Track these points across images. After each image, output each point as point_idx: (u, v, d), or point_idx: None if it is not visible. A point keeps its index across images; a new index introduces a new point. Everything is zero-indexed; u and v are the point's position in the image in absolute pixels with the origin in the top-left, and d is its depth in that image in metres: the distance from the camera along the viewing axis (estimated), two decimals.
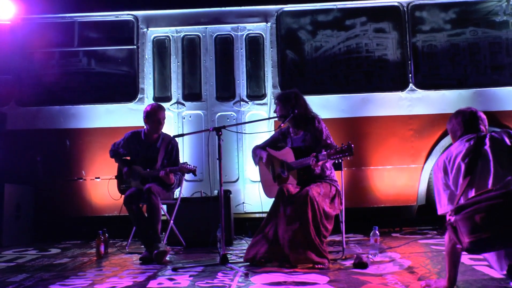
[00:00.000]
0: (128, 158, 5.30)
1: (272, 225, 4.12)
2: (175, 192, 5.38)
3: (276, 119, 4.63)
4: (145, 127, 5.22)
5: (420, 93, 6.32)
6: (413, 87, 6.33)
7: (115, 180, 5.33)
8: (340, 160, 3.97)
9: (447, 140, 6.14)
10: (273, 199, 4.32)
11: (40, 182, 6.48)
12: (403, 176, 6.24)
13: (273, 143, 4.64)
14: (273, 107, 6.26)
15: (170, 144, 5.21)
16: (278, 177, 4.40)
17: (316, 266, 3.89)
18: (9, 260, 4.93)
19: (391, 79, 6.49)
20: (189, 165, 4.92)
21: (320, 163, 4.07)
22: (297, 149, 4.34)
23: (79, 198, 6.46)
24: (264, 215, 6.09)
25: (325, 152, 4.03)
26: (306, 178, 4.24)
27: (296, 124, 4.45)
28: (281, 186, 4.21)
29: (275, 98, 4.58)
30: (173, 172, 4.92)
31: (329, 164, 4.30)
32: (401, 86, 6.39)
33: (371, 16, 6.52)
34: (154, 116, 5.12)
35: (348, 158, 3.92)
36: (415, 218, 6.47)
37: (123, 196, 4.94)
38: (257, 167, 4.70)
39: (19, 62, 6.71)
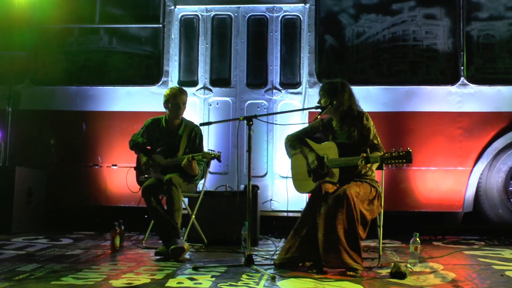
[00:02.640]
0: (149, 147, 5.33)
1: (307, 224, 4.10)
2: (198, 185, 5.39)
3: (312, 110, 4.58)
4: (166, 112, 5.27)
5: (473, 88, 6.20)
6: (465, 81, 6.22)
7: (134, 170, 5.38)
8: (394, 166, 3.91)
9: (501, 141, 6.03)
10: (303, 194, 4.30)
11: (53, 167, 6.60)
12: (448, 179, 6.14)
13: (310, 133, 4.58)
14: (308, 96, 6.29)
15: (193, 131, 5.23)
16: (315, 172, 4.35)
17: (348, 272, 3.87)
18: (19, 248, 5.03)
19: (440, 72, 6.39)
20: (213, 150, 4.93)
21: (369, 165, 4.04)
22: (341, 145, 4.29)
23: (94, 186, 6.54)
24: (291, 214, 6.14)
25: (378, 154, 4.00)
26: (347, 177, 4.20)
27: (342, 118, 4.39)
28: (319, 183, 4.16)
29: (320, 89, 4.50)
30: (196, 159, 4.94)
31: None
32: (451, 79, 6.28)
33: (421, 1, 6.42)
34: (174, 99, 5.15)
35: (404, 166, 3.86)
36: (460, 226, 6.38)
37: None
38: (290, 158, 4.66)
39: (35, 38, 6.81)
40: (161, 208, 4.85)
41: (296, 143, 4.53)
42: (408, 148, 3.86)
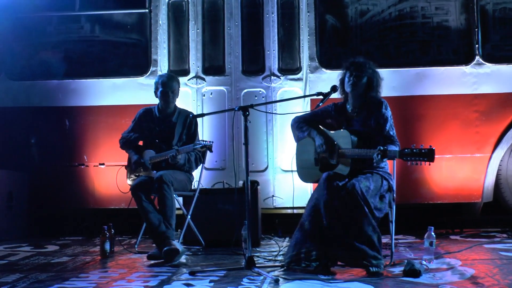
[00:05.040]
0: (141, 143, 5.35)
1: (313, 219, 4.08)
2: (193, 183, 5.40)
3: (314, 97, 4.55)
4: (157, 101, 5.32)
5: (489, 67, 6.18)
6: (480, 60, 6.20)
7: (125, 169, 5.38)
8: (414, 163, 3.90)
9: None
10: (308, 184, 4.29)
11: (35, 168, 6.59)
12: (465, 167, 6.14)
13: (321, 117, 4.54)
14: (310, 82, 6.27)
15: (188, 118, 5.32)
16: (323, 162, 4.33)
17: (371, 269, 3.88)
18: (0, 257, 5.04)
19: (453, 51, 6.37)
20: (204, 140, 4.96)
21: (386, 160, 4.05)
22: (356, 134, 4.27)
23: (80, 187, 6.54)
24: (297, 211, 6.13)
25: (396, 148, 4.01)
26: (359, 169, 4.19)
27: (360, 104, 4.39)
28: (329, 174, 4.14)
29: (349, 66, 4.40)
30: (186, 151, 4.98)
31: None
32: (465, 59, 6.26)
33: None
34: (165, 86, 5.23)
35: (425, 164, 3.85)
36: (479, 217, 6.38)
37: None
38: (296, 143, 4.63)
39: (10, 28, 6.78)
40: (153, 208, 4.86)
41: (304, 125, 4.50)
42: (431, 146, 3.84)
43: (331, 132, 4.42)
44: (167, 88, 5.22)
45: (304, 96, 5.73)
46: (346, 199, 4.01)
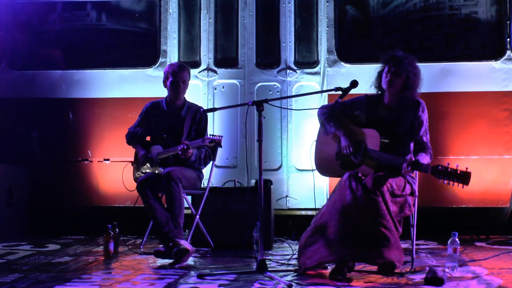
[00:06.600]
0: (148, 138, 5.36)
1: (334, 218, 4.05)
2: (202, 181, 5.40)
3: (332, 92, 4.52)
4: (166, 94, 5.32)
5: None
6: None
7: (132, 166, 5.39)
8: (447, 183, 3.87)
9: None
10: (324, 184, 4.27)
11: (37, 163, 6.62)
12: (493, 169, 6.11)
13: (349, 109, 4.45)
14: (327, 77, 6.26)
15: (198, 113, 5.30)
16: (345, 159, 4.30)
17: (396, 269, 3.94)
18: None
19: (482, 45, 6.33)
20: (213, 135, 4.98)
21: (414, 172, 4.06)
22: (385, 135, 4.22)
23: (83, 183, 6.57)
24: (313, 212, 6.12)
25: (428, 161, 4.03)
26: (383, 171, 4.16)
27: (396, 103, 4.32)
28: (351, 174, 4.09)
29: (388, 60, 4.35)
30: (195, 146, 4.99)
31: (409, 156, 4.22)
32: (494, 53, 6.23)
33: None
34: (175, 76, 5.21)
35: (459, 185, 3.81)
36: (507, 223, 6.34)
37: None
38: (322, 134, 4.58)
39: (12, 15, 6.81)
40: (161, 206, 4.87)
41: (332, 119, 4.41)
42: (467, 168, 3.80)
43: (359, 128, 4.35)
44: (177, 77, 5.20)
45: (322, 91, 5.73)
46: (367, 200, 3.99)
